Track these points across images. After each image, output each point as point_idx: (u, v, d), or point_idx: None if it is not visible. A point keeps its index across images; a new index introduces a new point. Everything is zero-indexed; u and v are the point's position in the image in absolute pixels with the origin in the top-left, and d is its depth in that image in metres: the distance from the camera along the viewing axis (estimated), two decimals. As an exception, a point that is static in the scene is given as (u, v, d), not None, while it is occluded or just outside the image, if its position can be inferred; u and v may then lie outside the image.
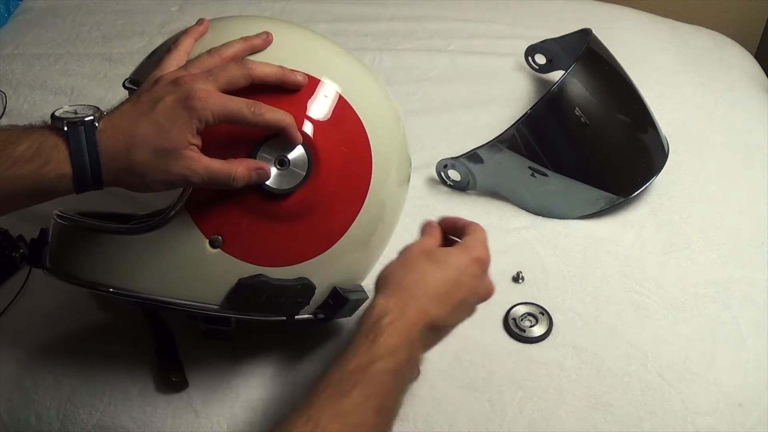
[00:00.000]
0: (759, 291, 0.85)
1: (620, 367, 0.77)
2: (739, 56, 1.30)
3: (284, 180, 0.64)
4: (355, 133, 0.68)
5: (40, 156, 0.57)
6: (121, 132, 0.58)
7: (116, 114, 0.60)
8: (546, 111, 0.91)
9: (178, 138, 0.59)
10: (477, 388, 0.75)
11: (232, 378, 0.76)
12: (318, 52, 0.71)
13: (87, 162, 0.57)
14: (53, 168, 0.57)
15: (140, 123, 0.59)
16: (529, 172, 0.92)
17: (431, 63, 1.22)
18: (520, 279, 0.86)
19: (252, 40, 0.67)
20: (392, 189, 0.73)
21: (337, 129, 0.67)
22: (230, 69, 0.62)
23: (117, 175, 0.59)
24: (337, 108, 0.67)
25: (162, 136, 0.58)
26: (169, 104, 0.59)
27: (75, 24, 1.32)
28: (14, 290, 0.84)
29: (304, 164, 0.64)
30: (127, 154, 0.58)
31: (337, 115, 0.67)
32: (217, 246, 0.65)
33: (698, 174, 1.00)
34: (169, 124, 0.58)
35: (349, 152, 0.67)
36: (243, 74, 0.62)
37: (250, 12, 1.35)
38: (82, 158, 0.57)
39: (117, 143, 0.58)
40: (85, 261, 0.66)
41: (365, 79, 0.73)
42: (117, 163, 0.58)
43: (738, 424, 0.73)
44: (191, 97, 0.59)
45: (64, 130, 0.57)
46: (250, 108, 0.61)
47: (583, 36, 1.04)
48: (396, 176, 0.73)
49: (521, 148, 0.91)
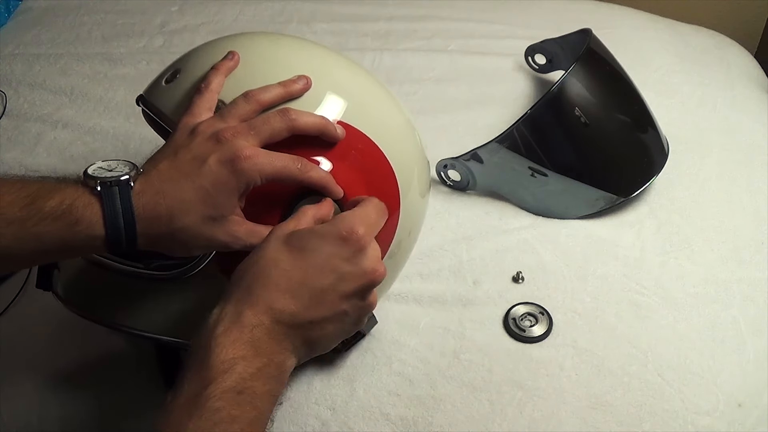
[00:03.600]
0: (759, 291, 0.85)
1: (620, 367, 0.77)
2: (739, 56, 1.30)
3: None
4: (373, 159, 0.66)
5: (71, 215, 0.54)
6: (162, 196, 0.55)
7: (154, 174, 0.57)
8: (546, 111, 0.91)
9: (226, 205, 0.57)
10: (477, 388, 0.75)
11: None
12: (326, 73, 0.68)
13: (122, 225, 0.54)
14: (84, 228, 0.54)
15: (183, 187, 0.56)
16: (529, 172, 0.92)
17: (431, 63, 1.22)
18: (520, 279, 0.86)
19: (290, 85, 0.63)
20: (416, 201, 0.72)
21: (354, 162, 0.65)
22: (272, 122, 0.59)
23: (156, 240, 0.56)
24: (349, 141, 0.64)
25: (208, 203, 0.56)
26: (214, 168, 0.56)
27: (75, 24, 1.32)
28: (14, 290, 0.84)
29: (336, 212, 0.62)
30: (169, 220, 0.55)
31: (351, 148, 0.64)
32: None
33: (698, 174, 1.00)
34: (215, 190, 0.56)
35: (373, 181, 0.66)
36: (286, 127, 0.60)
37: (250, 12, 1.35)
38: (116, 221, 0.54)
39: (158, 208, 0.55)
40: (103, 298, 0.64)
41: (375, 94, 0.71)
42: (156, 228, 0.55)
43: (738, 424, 0.73)
44: (238, 158, 0.56)
45: (98, 190, 0.54)
46: (297, 164, 0.59)
47: (583, 36, 1.04)
48: (418, 187, 0.72)
49: (521, 148, 0.91)
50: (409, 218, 0.71)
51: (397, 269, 0.76)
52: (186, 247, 0.57)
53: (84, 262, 0.65)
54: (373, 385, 0.76)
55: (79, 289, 0.65)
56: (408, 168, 0.70)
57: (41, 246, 0.54)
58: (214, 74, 0.64)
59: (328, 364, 0.77)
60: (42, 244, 0.54)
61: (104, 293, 0.64)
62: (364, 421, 0.73)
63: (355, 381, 0.76)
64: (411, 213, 0.71)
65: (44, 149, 1.05)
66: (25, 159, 1.03)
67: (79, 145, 1.06)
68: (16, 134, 1.08)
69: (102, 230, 0.54)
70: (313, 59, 0.69)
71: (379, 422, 0.73)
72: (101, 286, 0.64)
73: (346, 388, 0.75)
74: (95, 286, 0.65)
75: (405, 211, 0.69)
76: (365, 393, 0.75)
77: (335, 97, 0.66)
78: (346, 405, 0.74)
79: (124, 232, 0.54)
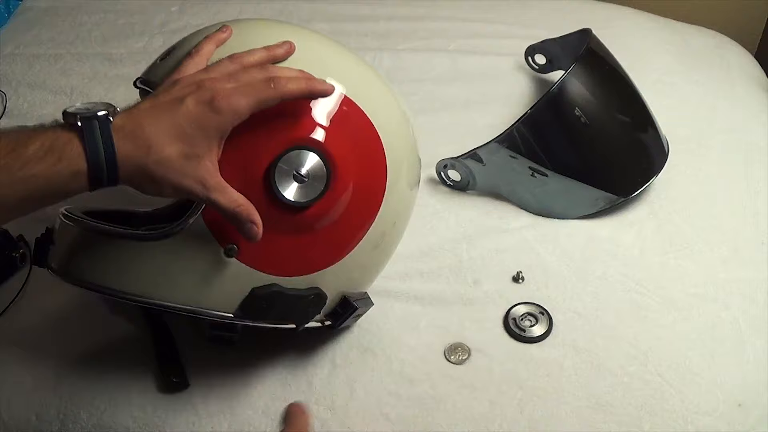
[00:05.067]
0: (759, 291, 0.85)
1: (620, 367, 0.77)
2: (739, 56, 1.30)
3: (304, 193, 0.63)
4: (367, 138, 0.68)
5: (53, 153, 0.54)
6: (141, 130, 0.56)
7: (134, 111, 0.58)
8: (546, 111, 0.91)
9: (201, 144, 0.57)
10: (477, 388, 0.75)
11: (232, 378, 0.76)
12: (326, 56, 0.70)
13: (103, 158, 0.55)
14: (67, 165, 0.55)
15: (161, 122, 0.57)
16: (529, 172, 0.92)
17: (431, 63, 1.22)
18: (520, 279, 0.86)
19: (274, 49, 0.65)
20: (404, 192, 0.73)
21: (352, 137, 0.66)
22: (252, 73, 0.61)
23: (131, 175, 0.57)
24: (348, 114, 0.66)
25: (184, 140, 0.57)
26: (191, 106, 0.57)
27: (75, 24, 1.32)
28: (14, 290, 0.84)
29: (322, 176, 0.64)
30: (146, 152, 0.56)
31: (351, 123, 0.66)
32: (232, 255, 0.64)
33: (698, 174, 1.00)
34: (192, 127, 0.57)
35: (364, 159, 0.67)
36: (265, 78, 0.61)
37: (250, 12, 1.35)
38: (97, 154, 0.55)
39: (136, 141, 0.56)
40: (95, 264, 0.65)
41: (374, 82, 0.72)
42: (133, 162, 0.56)
43: (738, 424, 0.73)
44: (214, 97, 0.57)
45: (78, 126, 0.55)
46: (270, 84, 0.60)
47: (583, 36, 1.04)
48: (407, 178, 0.73)
49: (521, 148, 0.91)
50: (395, 208, 0.71)
51: (383, 261, 0.76)
52: (157, 184, 0.58)
53: (77, 232, 0.66)
54: (373, 385, 0.76)
55: (71, 260, 0.66)
56: (399, 157, 0.70)
57: (29, 190, 0.55)
58: (206, 42, 0.66)
59: (328, 363, 0.77)
60: (29, 188, 0.54)
61: (96, 262, 0.65)
62: (364, 421, 0.73)
63: (355, 381, 0.76)
64: (397, 203, 0.71)
65: (44, 149, 1.05)
66: (25, 159, 1.03)
67: (79, 145, 1.06)
68: (16, 134, 1.08)
69: (84, 164, 0.55)
70: (311, 43, 0.70)
71: (379, 422, 0.73)
72: (93, 256, 0.65)
73: (345, 388, 0.75)
74: (87, 256, 0.65)
75: (392, 200, 0.70)
76: (365, 393, 0.75)
77: (338, 78, 0.67)
78: (346, 405, 0.74)
79: (105, 165, 0.55)
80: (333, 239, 0.68)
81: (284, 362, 0.78)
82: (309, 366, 0.77)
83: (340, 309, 0.72)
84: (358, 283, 0.74)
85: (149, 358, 0.77)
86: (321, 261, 0.68)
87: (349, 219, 0.67)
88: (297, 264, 0.67)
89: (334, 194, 0.65)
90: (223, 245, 0.64)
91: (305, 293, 0.68)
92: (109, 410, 0.74)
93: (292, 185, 0.63)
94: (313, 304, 0.69)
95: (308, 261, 0.67)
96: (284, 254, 0.66)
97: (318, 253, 0.68)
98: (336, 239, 0.68)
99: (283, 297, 0.67)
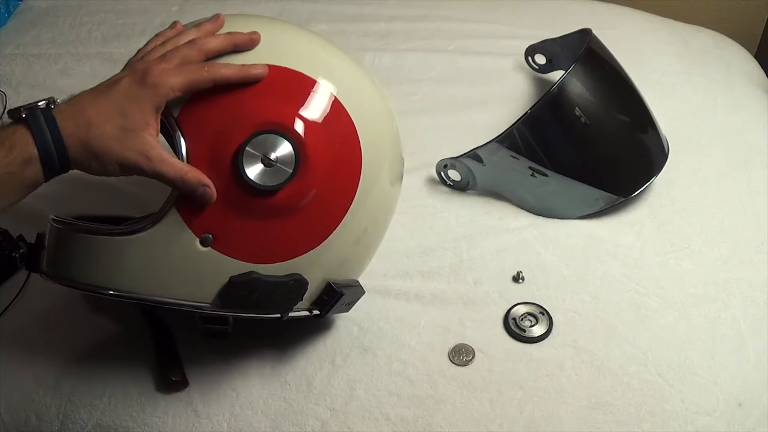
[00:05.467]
0: (759, 291, 0.85)
1: (620, 367, 0.77)
2: (739, 56, 1.29)
3: (271, 177, 0.64)
4: (344, 131, 0.68)
5: (4, 144, 0.58)
6: (80, 112, 0.60)
7: (74, 99, 0.62)
8: (546, 111, 0.91)
9: (137, 117, 0.60)
10: (477, 388, 0.75)
11: (231, 377, 0.76)
12: (313, 51, 0.71)
13: (50, 141, 0.58)
14: (19, 152, 0.58)
15: (98, 101, 0.60)
16: (529, 172, 0.92)
17: (431, 63, 1.22)
18: (520, 279, 0.86)
19: (236, 36, 0.66)
20: (384, 186, 0.73)
21: (327, 127, 0.67)
22: (183, 50, 0.64)
23: (78, 155, 0.60)
24: (329, 107, 0.67)
25: (121, 115, 0.60)
26: (126, 84, 0.61)
27: (75, 24, 1.32)
28: (14, 290, 0.84)
29: (291, 161, 0.64)
30: (86, 131, 0.59)
31: (329, 115, 0.67)
32: (208, 244, 0.65)
33: (698, 174, 1.00)
34: (127, 102, 0.60)
35: (338, 149, 0.68)
36: (196, 51, 0.64)
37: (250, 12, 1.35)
38: (44, 138, 0.58)
39: (76, 121, 0.59)
40: (81, 264, 0.66)
41: (358, 78, 0.73)
42: (77, 141, 0.59)
43: (738, 424, 0.73)
44: (147, 74, 0.60)
45: (23, 117, 0.59)
46: (204, 68, 0.62)
47: (583, 36, 1.04)
48: (388, 174, 0.73)
49: (521, 148, 0.91)
50: (376, 204, 0.72)
51: (366, 255, 0.77)
52: (101, 161, 0.60)
53: (63, 234, 0.67)
54: (373, 385, 0.76)
55: (58, 262, 0.68)
56: (376, 152, 0.71)
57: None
58: (192, 30, 0.68)
59: (328, 363, 0.77)
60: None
61: (80, 261, 0.66)
62: (364, 422, 0.73)
63: (355, 381, 0.76)
64: (378, 199, 0.72)
65: (44, 149, 1.05)
66: (25, 159, 1.03)
67: (79, 145, 1.06)
68: (16, 134, 1.08)
69: (34, 149, 0.58)
70: (298, 37, 0.72)
71: (379, 422, 0.73)
72: (77, 256, 0.66)
73: (346, 388, 0.75)
74: (72, 256, 0.67)
75: (372, 195, 0.70)
76: (365, 393, 0.75)
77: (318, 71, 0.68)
78: (346, 405, 0.74)
79: (54, 146, 0.59)
80: (306, 225, 0.68)
81: (284, 362, 0.78)
82: (309, 366, 0.77)
83: (326, 296, 0.72)
84: (342, 271, 0.74)
85: (149, 357, 0.77)
86: (297, 247, 0.68)
87: (321, 206, 0.68)
88: (273, 251, 0.67)
89: (304, 180, 0.65)
90: (198, 235, 0.64)
91: (284, 279, 0.68)
92: (109, 410, 0.74)
93: (259, 168, 0.64)
94: (294, 290, 0.69)
95: (284, 247, 0.68)
96: (259, 241, 0.67)
97: (293, 240, 0.68)
98: (309, 225, 0.68)
99: (262, 284, 0.67)
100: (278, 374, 0.77)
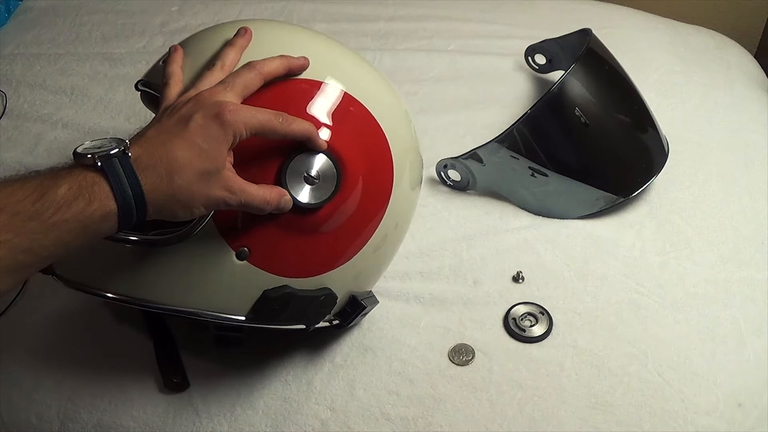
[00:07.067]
0: (759, 291, 0.85)
1: (620, 367, 0.77)
2: (739, 56, 1.29)
3: (315, 195, 0.63)
4: (374, 136, 0.67)
5: (84, 196, 0.53)
6: (158, 158, 0.56)
7: (144, 140, 0.57)
8: (546, 111, 0.91)
9: (218, 157, 0.57)
10: (477, 388, 0.75)
11: (232, 378, 0.76)
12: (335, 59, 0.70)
13: (130, 195, 0.54)
14: (98, 207, 0.53)
15: (176, 145, 0.56)
16: (529, 172, 0.92)
17: (431, 63, 1.22)
18: (520, 279, 0.86)
19: (291, 61, 0.65)
20: (407, 191, 0.72)
21: (356, 134, 0.66)
22: (243, 74, 0.62)
23: (160, 205, 0.56)
24: (354, 113, 0.66)
25: (202, 157, 0.57)
26: (200, 122, 0.57)
27: (75, 24, 1.32)
28: (14, 290, 0.84)
29: (332, 177, 0.64)
30: (169, 181, 0.56)
31: (361, 126, 0.66)
32: (244, 258, 0.64)
33: (698, 174, 1.00)
34: (206, 143, 0.57)
35: (371, 156, 0.67)
36: (255, 75, 0.62)
37: (250, 12, 1.35)
38: (124, 192, 0.54)
39: (157, 170, 0.56)
40: (103, 270, 0.64)
41: (377, 82, 0.72)
42: (159, 191, 0.56)
43: (738, 424, 0.73)
44: (222, 111, 0.57)
45: (99, 166, 0.54)
46: (279, 119, 0.60)
47: (583, 36, 1.04)
48: (409, 178, 0.72)
49: (521, 148, 0.91)
50: (398, 209, 0.71)
51: (384, 263, 0.76)
52: (188, 207, 0.58)
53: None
54: (373, 384, 0.76)
55: (77, 266, 0.65)
56: (402, 157, 0.70)
57: (63, 236, 0.53)
58: (230, 50, 0.65)
59: (328, 363, 0.77)
60: (63, 233, 0.53)
61: (105, 268, 0.64)
62: (364, 421, 0.73)
63: (355, 381, 0.76)
64: (400, 204, 0.71)
65: (44, 149, 1.05)
66: (25, 159, 1.03)
67: (79, 145, 1.06)
68: (16, 134, 1.08)
69: (113, 204, 0.54)
70: (317, 42, 0.71)
71: (379, 422, 0.73)
72: (102, 263, 0.64)
73: (346, 388, 0.75)
74: (95, 263, 0.64)
75: (394, 201, 0.69)
76: (365, 393, 0.75)
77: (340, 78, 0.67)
78: (346, 405, 0.74)
79: (134, 201, 0.55)
80: (343, 239, 0.67)
81: (284, 362, 0.78)
82: (309, 366, 0.77)
83: (349, 308, 0.72)
84: (365, 282, 0.74)
85: (149, 358, 0.77)
86: (331, 262, 0.68)
87: (359, 218, 0.67)
88: (308, 265, 0.67)
89: (344, 194, 0.65)
90: (235, 248, 0.63)
91: (317, 294, 0.67)
92: (109, 410, 0.74)
93: (304, 188, 0.63)
94: (325, 304, 0.69)
95: (319, 262, 0.67)
96: (295, 256, 0.66)
97: (328, 254, 0.67)
98: (346, 239, 0.68)
99: (296, 299, 0.66)
100: (278, 374, 0.77)
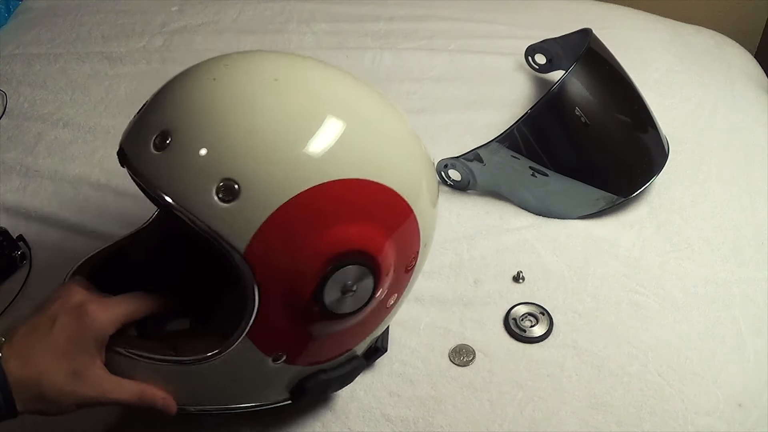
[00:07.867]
0: (759, 291, 0.85)
1: (620, 367, 0.77)
2: (739, 56, 1.30)
3: (353, 303, 0.61)
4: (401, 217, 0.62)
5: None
6: (25, 360, 0.57)
7: (17, 339, 0.58)
8: (546, 111, 0.91)
9: (83, 359, 0.58)
10: (477, 389, 0.75)
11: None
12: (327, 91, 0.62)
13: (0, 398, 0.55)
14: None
15: (41, 348, 0.57)
16: (529, 172, 0.92)
17: (431, 63, 1.22)
18: (520, 279, 0.86)
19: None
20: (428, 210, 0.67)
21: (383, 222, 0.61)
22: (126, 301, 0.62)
23: (29, 404, 0.57)
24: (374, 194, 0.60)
25: (67, 358, 0.57)
26: (64, 323, 0.58)
27: (75, 24, 1.32)
28: (14, 290, 0.84)
29: (369, 282, 0.61)
30: (37, 382, 0.57)
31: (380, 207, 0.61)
32: (280, 361, 0.64)
33: (698, 174, 1.00)
34: (70, 345, 0.58)
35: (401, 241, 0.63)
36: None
37: (250, 12, 1.34)
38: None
39: (25, 372, 0.56)
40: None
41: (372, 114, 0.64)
42: (28, 391, 0.56)
43: (738, 424, 0.73)
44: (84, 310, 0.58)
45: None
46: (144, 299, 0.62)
47: (583, 36, 1.04)
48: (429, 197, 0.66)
49: (521, 148, 0.91)
50: (425, 230, 0.67)
51: (413, 283, 0.72)
52: (58, 405, 0.58)
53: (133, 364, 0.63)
54: (373, 385, 0.76)
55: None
56: (415, 184, 0.64)
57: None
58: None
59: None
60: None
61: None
62: (365, 422, 0.73)
63: (355, 382, 0.76)
64: (426, 224, 0.66)
65: (45, 149, 1.05)
66: (25, 159, 1.03)
67: (79, 145, 1.06)
68: (16, 134, 1.08)
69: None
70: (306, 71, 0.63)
71: (380, 423, 0.73)
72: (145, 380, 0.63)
73: (346, 389, 0.75)
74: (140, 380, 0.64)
75: (421, 224, 0.65)
76: (365, 393, 0.75)
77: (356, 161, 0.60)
78: (347, 405, 0.74)
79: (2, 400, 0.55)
80: (375, 317, 0.68)
81: (284, 362, 0.78)
82: (309, 366, 0.77)
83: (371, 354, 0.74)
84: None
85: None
86: (362, 338, 0.69)
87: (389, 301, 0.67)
88: (341, 349, 0.68)
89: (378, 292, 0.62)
90: (270, 355, 0.63)
91: (348, 367, 0.69)
92: (109, 410, 0.74)
93: (343, 301, 0.60)
94: (356, 371, 0.71)
95: (351, 343, 0.68)
96: (330, 348, 0.67)
97: (360, 334, 0.68)
98: (376, 320, 0.68)
99: (333, 381, 0.69)
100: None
